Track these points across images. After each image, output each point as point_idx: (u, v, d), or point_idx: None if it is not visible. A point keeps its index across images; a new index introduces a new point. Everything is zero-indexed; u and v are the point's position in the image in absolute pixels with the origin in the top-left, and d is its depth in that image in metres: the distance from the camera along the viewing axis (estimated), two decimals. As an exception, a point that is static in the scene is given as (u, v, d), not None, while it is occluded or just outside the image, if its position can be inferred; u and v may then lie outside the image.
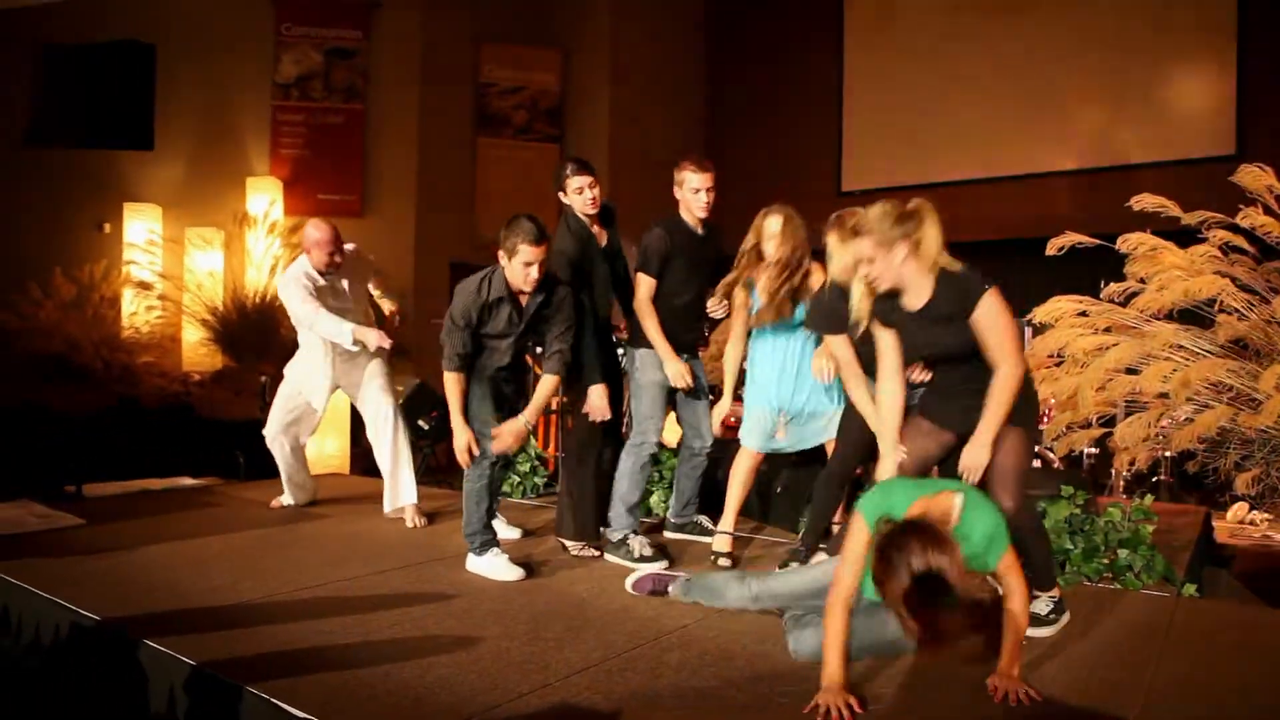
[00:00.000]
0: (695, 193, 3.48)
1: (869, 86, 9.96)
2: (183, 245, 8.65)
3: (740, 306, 3.49)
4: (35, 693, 2.83)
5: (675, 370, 3.49)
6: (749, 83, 10.56)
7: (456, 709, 2.11)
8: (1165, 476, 5.42)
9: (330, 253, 4.04)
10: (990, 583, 3.04)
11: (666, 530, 3.94)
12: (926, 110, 9.49)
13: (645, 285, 3.50)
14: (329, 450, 6.52)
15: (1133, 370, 4.22)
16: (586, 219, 3.57)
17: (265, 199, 8.61)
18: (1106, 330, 4.43)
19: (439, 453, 6.69)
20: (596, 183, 3.55)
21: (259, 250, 8.47)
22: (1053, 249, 4.68)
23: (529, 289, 3.24)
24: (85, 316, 8.06)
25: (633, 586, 3.08)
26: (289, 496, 4.54)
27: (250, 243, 8.50)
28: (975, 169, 9.26)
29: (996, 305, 2.44)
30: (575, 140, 9.47)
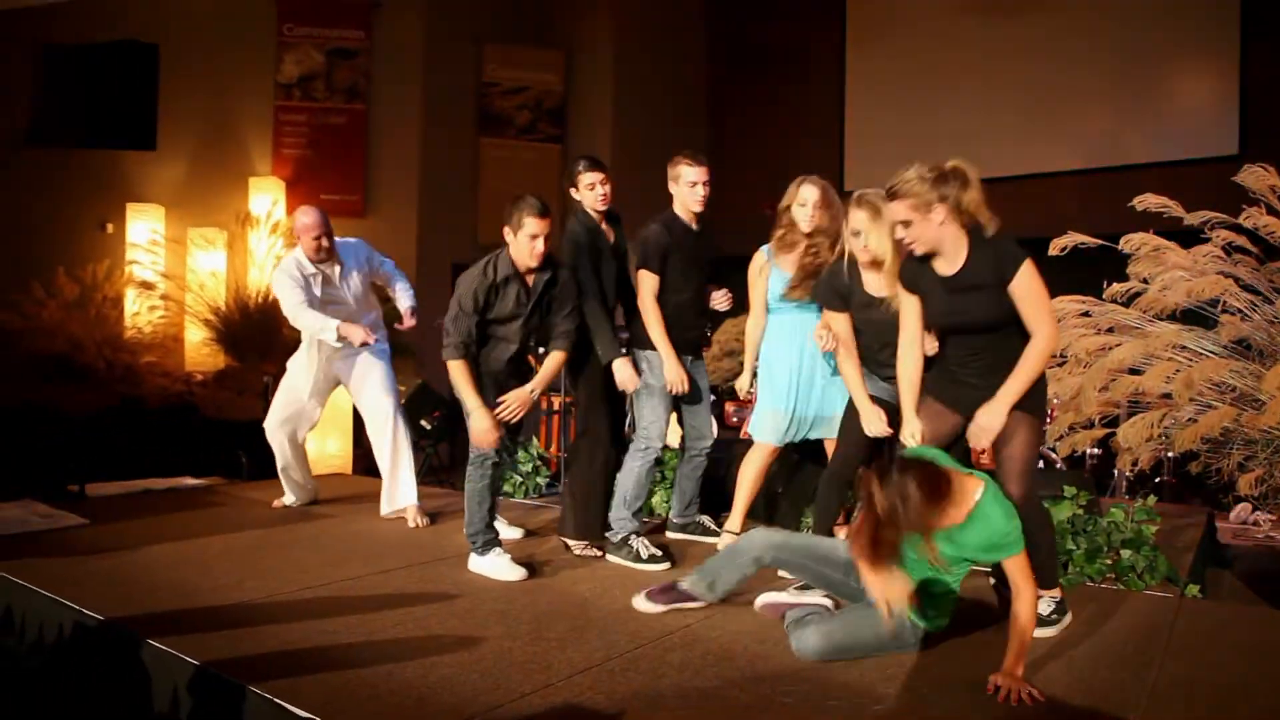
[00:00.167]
0: (692, 186, 3.44)
1: (871, 87, 9.96)
2: (185, 245, 8.65)
3: (757, 275, 3.43)
4: (38, 692, 2.84)
5: (674, 376, 3.44)
6: (751, 83, 10.56)
7: (459, 709, 2.11)
8: (1168, 477, 5.42)
9: (316, 237, 3.98)
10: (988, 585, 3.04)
11: (669, 530, 3.93)
12: (928, 110, 9.47)
13: (648, 282, 3.46)
14: (330, 450, 6.52)
15: (1135, 371, 4.22)
16: (596, 215, 3.58)
17: (268, 199, 8.62)
18: (1109, 330, 4.43)
19: (441, 453, 6.70)
20: (608, 180, 3.56)
21: (261, 250, 8.48)
22: (1055, 249, 4.67)
23: (535, 263, 3.25)
24: (88, 316, 8.07)
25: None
26: (290, 496, 4.55)
27: (253, 243, 8.51)
28: (977, 169, 9.22)
29: (1033, 274, 2.45)
30: (577, 141, 9.47)
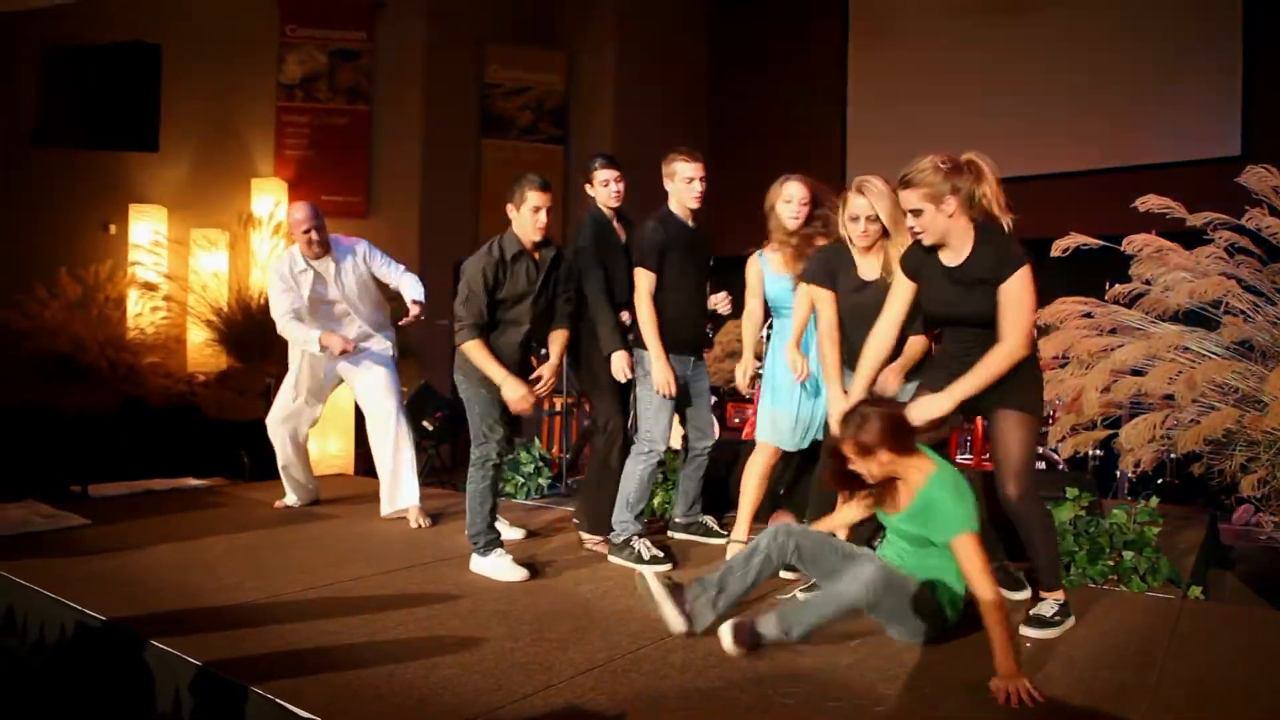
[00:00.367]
0: (689, 182, 3.44)
1: (873, 88, 9.95)
2: (187, 246, 8.65)
3: (756, 279, 3.43)
4: (41, 692, 2.84)
5: (661, 378, 3.42)
6: (753, 83, 10.56)
7: (461, 709, 2.11)
8: (1170, 479, 5.41)
9: (306, 231, 3.98)
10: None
11: (671, 530, 3.93)
12: (931, 112, 9.46)
13: (645, 280, 3.44)
14: (332, 450, 6.53)
15: (1138, 372, 4.21)
16: (609, 212, 3.61)
17: (270, 200, 8.62)
18: (1112, 331, 4.42)
19: (443, 453, 6.70)
20: (622, 178, 3.60)
21: (264, 251, 8.47)
22: (1058, 250, 4.66)
23: (539, 236, 3.33)
24: (90, 317, 8.06)
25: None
26: (292, 497, 4.55)
27: (255, 244, 8.50)
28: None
29: (1027, 282, 2.44)
30: (579, 141, 9.46)
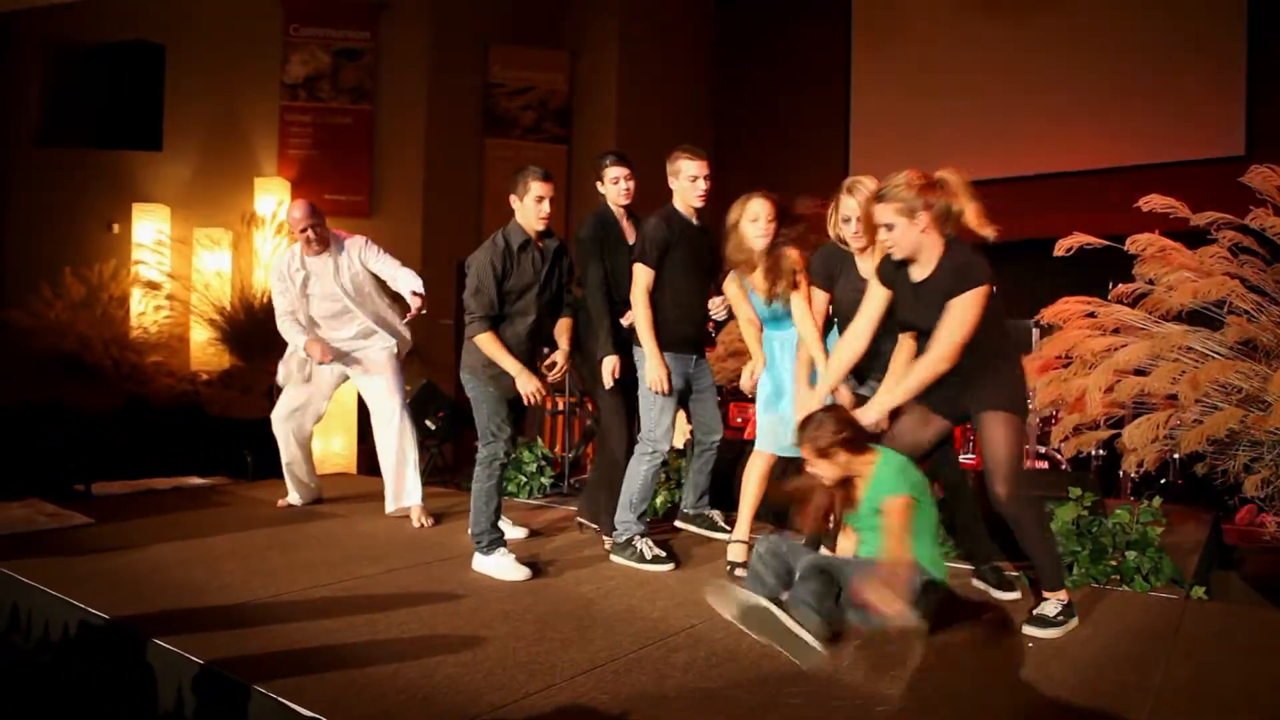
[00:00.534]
0: (693, 180, 3.41)
1: (876, 87, 9.94)
2: (191, 245, 8.67)
3: (741, 300, 3.40)
4: (45, 690, 2.85)
5: (654, 375, 3.39)
6: (757, 83, 10.55)
7: (463, 708, 2.12)
8: (1174, 479, 5.40)
9: (302, 230, 4.02)
10: (988, 591, 3.04)
11: (679, 520, 3.92)
12: (934, 111, 9.46)
13: (643, 275, 3.41)
14: (335, 449, 6.54)
15: (1141, 372, 4.20)
16: (619, 210, 3.64)
17: (273, 199, 8.63)
18: (1115, 331, 4.42)
19: (445, 452, 6.71)
20: (633, 176, 3.62)
21: (267, 251, 8.49)
22: (1061, 250, 4.65)
23: (542, 225, 3.41)
24: (95, 316, 8.09)
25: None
26: (294, 495, 4.56)
27: (258, 243, 8.52)
28: (983, 169, 9.19)
29: (975, 303, 2.48)
30: (583, 141, 9.47)
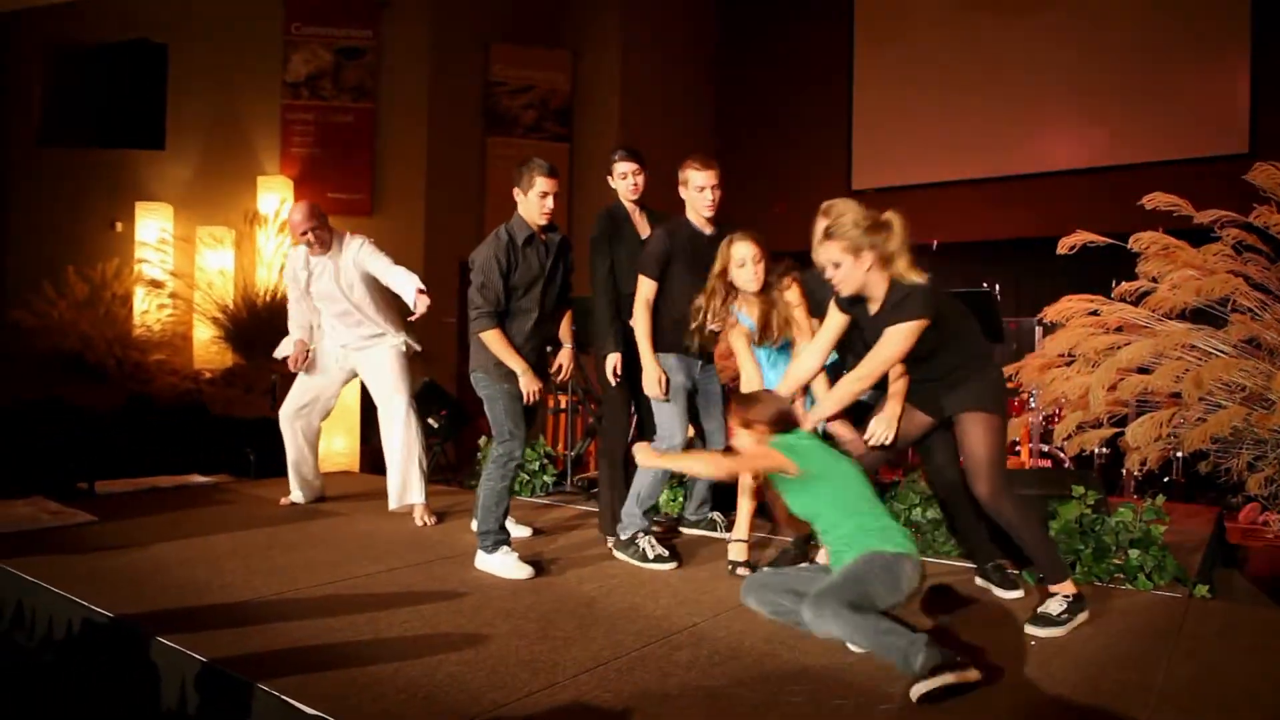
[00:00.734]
0: (700, 191, 3.44)
1: (878, 86, 9.93)
2: (194, 244, 8.68)
3: (735, 331, 3.37)
4: (48, 688, 2.85)
5: (650, 377, 3.43)
6: (758, 82, 10.54)
7: (466, 707, 2.12)
8: (1177, 477, 5.39)
9: (303, 234, 4.03)
10: (990, 589, 3.03)
11: (682, 526, 3.95)
12: (937, 109, 9.45)
13: (644, 287, 3.48)
14: (338, 448, 6.55)
15: (1144, 370, 4.20)
16: (630, 205, 3.66)
17: (276, 198, 8.64)
18: (1118, 329, 4.41)
19: (448, 451, 6.71)
20: (641, 171, 3.65)
21: (269, 249, 8.50)
22: (1064, 248, 4.65)
23: (545, 220, 3.41)
24: (98, 315, 8.10)
25: None
26: (297, 494, 4.57)
27: (260, 241, 8.53)
28: (986, 168, 9.23)
29: (907, 335, 2.62)
30: (584, 140, 9.47)
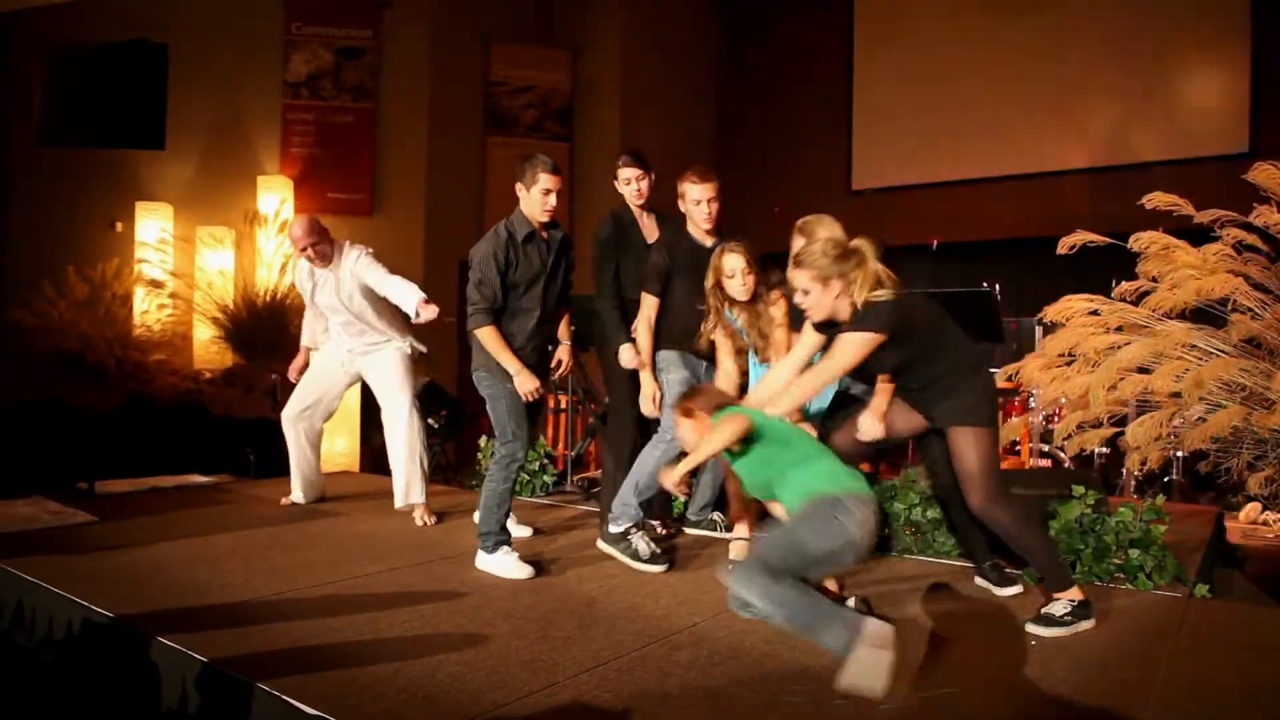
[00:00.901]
0: (697, 204, 3.44)
1: (879, 85, 9.93)
2: (194, 244, 8.68)
3: (720, 332, 3.39)
4: (49, 688, 2.86)
5: (646, 394, 3.48)
6: (759, 82, 10.55)
7: (466, 707, 2.12)
8: (1177, 476, 5.39)
9: (303, 248, 4.05)
10: (989, 589, 3.04)
11: (685, 526, 3.95)
12: (937, 108, 9.45)
13: (646, 305, 3.51)
14: (338, 448, 6.55)
15: (1144, 369, 4.19)
16: (636, 210, 3.67)
17: (276, 198, 8.64)
18: (1118, 329, 4.41)
19: (448, 451, 6.71)
20: (645, 176, 3.65)
21: (269, 249, 8.50)
22: (1064, 247, 4.65)
23: (547, 218, 3.39)
24: (98, 315, 8.10)
25: None
26: (298, 493, 4.57)
27: (261, 241, 8.53)
28: (986, 167, 9.23)
29: (856, 345, 2.64)
30: (585, 139, 9.47)
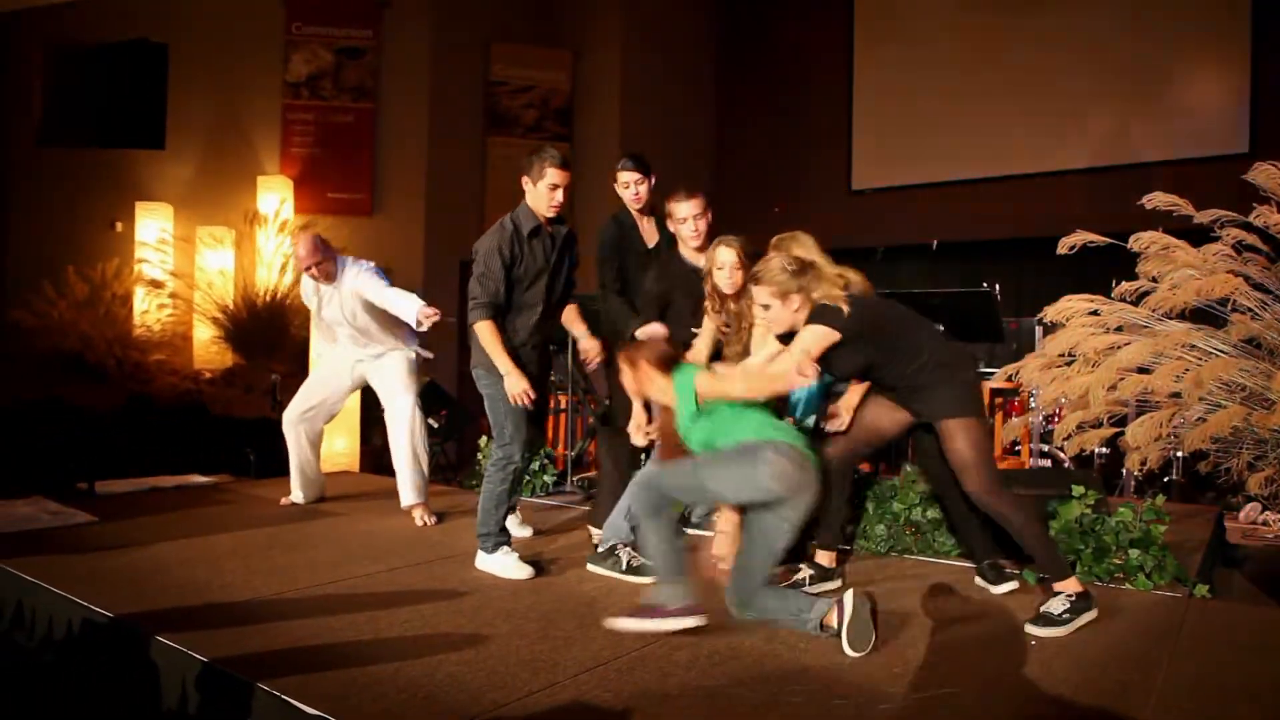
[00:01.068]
0: (684, 222, 3.43)
1: (879, 85, 9.92)
2: (194, 244, 8.69)
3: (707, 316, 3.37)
4: (49, 688, 2.86)
5: (637, 421, 3.38)
6: (758, 82, 10.54)
7: (466, 707, 2.12)
8: (1177, 476, 5.39)
9: (307, 267, 4.08)
10: (989, 586, 3.04)
11: (687, 528, 3.94)
12: (936, 109, 9.45)
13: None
14: (338, 448, 6.54)
15: (1144, 369, 4.19)
16: (636, 214, 3.67)
17: (276, 198, 8.64)
18: (1118, 329, 4.40)
19: (449, 451, 6.71)
20: (644, 180, 3.63)
21: (269, 249, 8.51)
22: (1064, 248, 4.64)
23: (553, 214, 3.35)
24: (98, 315, 8.11)
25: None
26: (298, 493, 4.57)
27: (260, 241, 8.54)
28: (986, 167, 9.22)
29: (812, 336, 2.70)
30: (585, 140, 9.47)
